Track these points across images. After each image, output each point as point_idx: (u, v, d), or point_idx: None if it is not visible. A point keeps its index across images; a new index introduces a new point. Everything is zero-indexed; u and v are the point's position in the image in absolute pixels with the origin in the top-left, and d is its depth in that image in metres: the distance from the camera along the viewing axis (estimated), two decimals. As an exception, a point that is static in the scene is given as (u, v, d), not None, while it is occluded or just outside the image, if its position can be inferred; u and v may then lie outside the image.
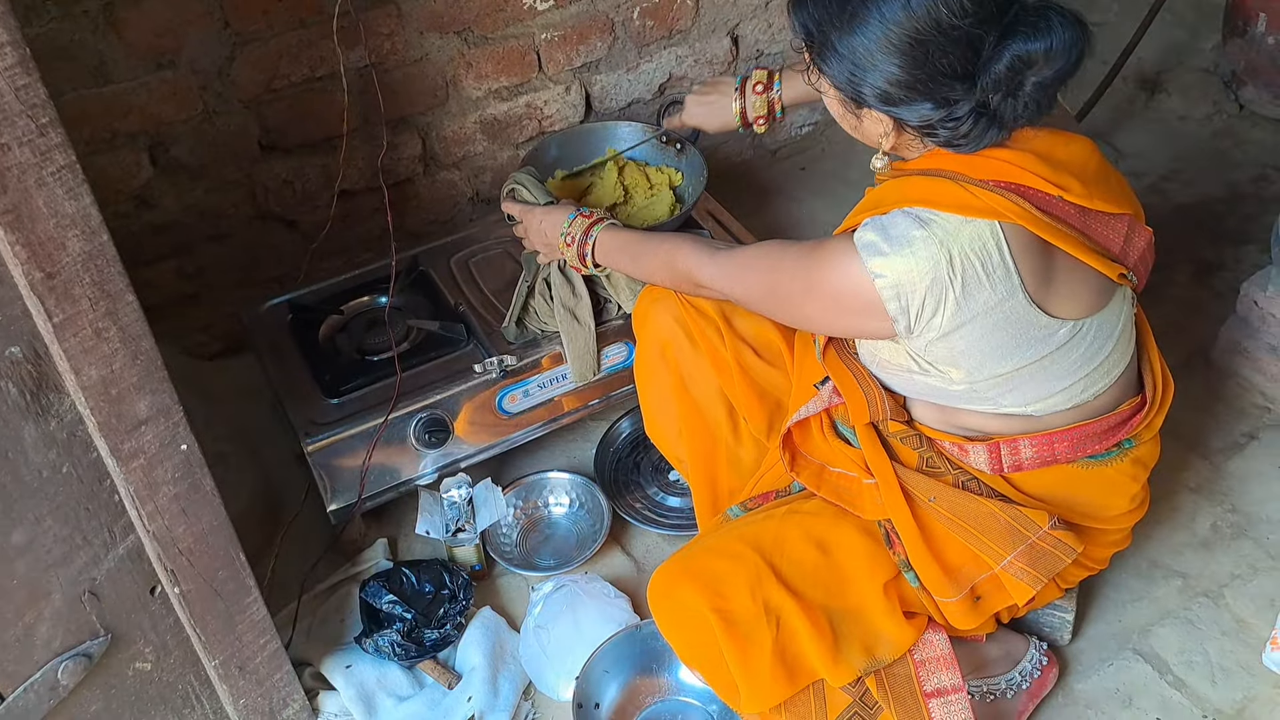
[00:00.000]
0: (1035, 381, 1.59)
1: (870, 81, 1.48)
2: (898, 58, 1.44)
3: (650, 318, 1.95)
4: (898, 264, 1.47)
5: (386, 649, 1.93)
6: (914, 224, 1.47)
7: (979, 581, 1.68)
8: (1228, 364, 2.38)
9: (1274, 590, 2.01)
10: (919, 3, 1.41)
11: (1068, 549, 1.64)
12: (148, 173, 2.33)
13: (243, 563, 1.57)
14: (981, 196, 1.48)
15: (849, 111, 1.58)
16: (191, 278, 2.50)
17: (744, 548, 1.70)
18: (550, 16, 2.58)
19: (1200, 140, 3.07)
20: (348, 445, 2.06)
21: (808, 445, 1.81)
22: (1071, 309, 1.55)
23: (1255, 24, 2.85)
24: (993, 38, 1.42)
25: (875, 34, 1.44)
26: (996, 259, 1.47)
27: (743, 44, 2.89)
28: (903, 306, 1.49)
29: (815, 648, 1.63)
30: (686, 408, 1.94)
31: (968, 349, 1.53)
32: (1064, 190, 1.51)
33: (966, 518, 1.65)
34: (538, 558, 2.18)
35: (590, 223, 1.96)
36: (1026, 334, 1.53)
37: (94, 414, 1.30)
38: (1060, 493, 1.70)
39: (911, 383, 1.65)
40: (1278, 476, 2.20)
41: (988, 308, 1.49)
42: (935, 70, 1.44)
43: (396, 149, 2.55)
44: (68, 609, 1.41)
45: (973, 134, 1.48)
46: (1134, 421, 1.71)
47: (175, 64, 2.25)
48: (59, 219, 1.18)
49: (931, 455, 1.69)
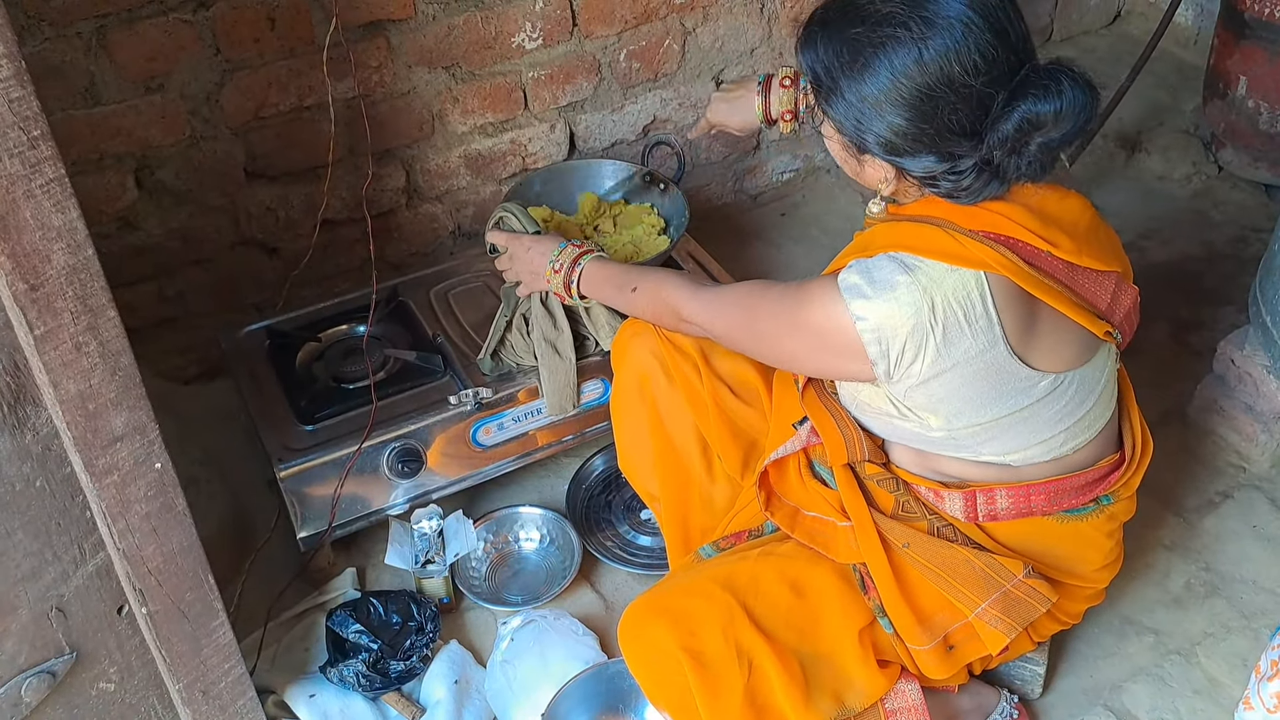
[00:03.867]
0: (1014, 432, 1.60)
1: (875, 130, 1.48)
2: (906, 110, 1.44)
3: (629, 351, 1.95)
4: (880, 308, 1.47)
5: (351, 679, 1.92)
6: (899, 269, 1.48)
7: (952, 630, 1.68)
8: (1204, 422, 2.41)
9: (1247, 650, 2.01)
10: (931, 58, 1.41)
11: (1042, 598, 1.64)
12: (132, 195, 2.34)
13: (211, 585, 1.55)
14: (969, 246, 1.48)
15: (851, 156, 1.58)
16: (171, 301, 2.50)
17: (717, 588, 1.69)
18: (538, 55, 2.61)
19: (1179, 200, 3.11)
20: (320, 472, 2.05)
21: (783, 486, 1.80)
22: (1053, 362, 1.56)
23: (1236, 88, 2.91)
24: (1002, 97, 1.42)
25: (885, 85, 1.44)
26: (979, 309, 1.48)
27: (727, 90, 2.92)
28: (883, 351, 1.50)
29: (786, 692, 1.61)
30: (661, 443, 1.94)
31: (947, 396, 1.54)
32: (1053, 246, 1.52)
33: (941, 564, 1.64)
34: (506, 592, 2.17)
35: (579, 253, 1.98)
36: (1007, 385, 1.53)
37: (70, 428, 1.30)
38: (1035, 545, 1.71)
39: (891, 427, 1.65)
40: (1252, 536, 2.22)
41: (968, 357, 1.49)
42: (942, 125, 1.44)
43: (380, 180, 2.57)
44: (34, 625, 1.40)
45: (973, 188, 1.49)
46: (1112, 478, 1.71)
47: (165, 88, 2.26)
48: (45, 231, 1.18)
49: (908, 499, 1.69)
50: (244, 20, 2.25)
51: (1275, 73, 2.83)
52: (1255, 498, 2.29)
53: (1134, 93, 3.08)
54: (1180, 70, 3.47)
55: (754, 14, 2.83)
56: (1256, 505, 2.27)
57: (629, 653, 1.73)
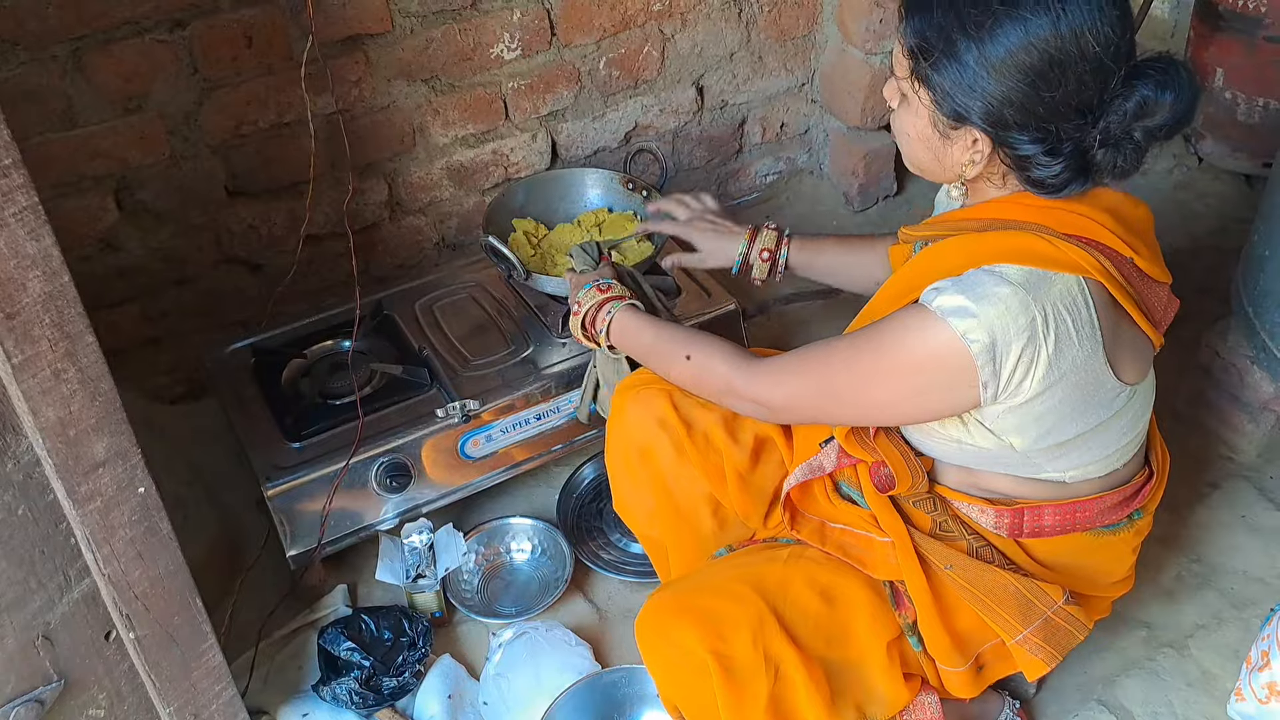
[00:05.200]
0: (1086, 448, 1.55)
1: (988, 95, 1.39)
2: (1029, 77, 1.37)
3: (628, 415, 1.84)
4: (992, 325, 1.38)
5: (344, 697, 1.91)
6: (1000, 281, 1.40)
7: (983, 650, 1.66)
8: (1191, 414, 2.41)
9: (1238, 641, 2.01)
10: (1069, 24, 1.35)
11: (1080, 625, 1.62)
12: (113, 216, 2.33)
13: (199, 608, 1.55)
14: (1065, 250, 1.43)
15: (938, 133, 1.48)
16: (155, 321, 2.49)
17: (747, 589, 1.62)
18: (517, 65, 2.61)
19: (1161, 193, 3.12)
20: (308, 489, 2.05)
21: (806, 503, 1.75)
22: (1130, 373, 1.52)
23: (1213, 79, 2.92)
24: (1121, 76, 1.38)
25: (1014, 47, 1.36)
26: (1085, 315, 1.42)
27: (708, 94, 2.93)
28: (995, 371, 1.41)
29: (811, 702, 1.58)
30: (666, 507, 1.85)
31: (1044, 414, 1.47)
32: (1135, 253, 1.48)
33: (982, 588, 1.60)
34: (499, 604, 2.17)
35: (608, 298, 1.85)
36: (1095, 397, 1.48)
37: (51, 455, 1.29)
38: (1068, 560, 1.67)
39: (959, 451, 1.58)
40: (1242, 527, 2.22)
41: (1075, 366, 1.43)
42: (1061, 98, 1.38)
43: (363, 194, 2.57)
44: (20, 654, 1.39)
45: (1063, 176, 1.43)
46: (1145, 491, 1.69)
47: (143, 108, 2.25)
48: (20, 259, 1.17)
49: (945, 519, 1.64)
50: (221, 39, 2.25)
51: (1252, 64, 2.84)
52: (1243, 488, 2.30)
53: (1114, 86, 3.08)
54: (1159, 62, 3.47)
55: (732, 19, 2.83)
56: (1245, 495, 2.28)
57: (648, 650, 1.66)
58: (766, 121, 3.08)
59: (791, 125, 3.13)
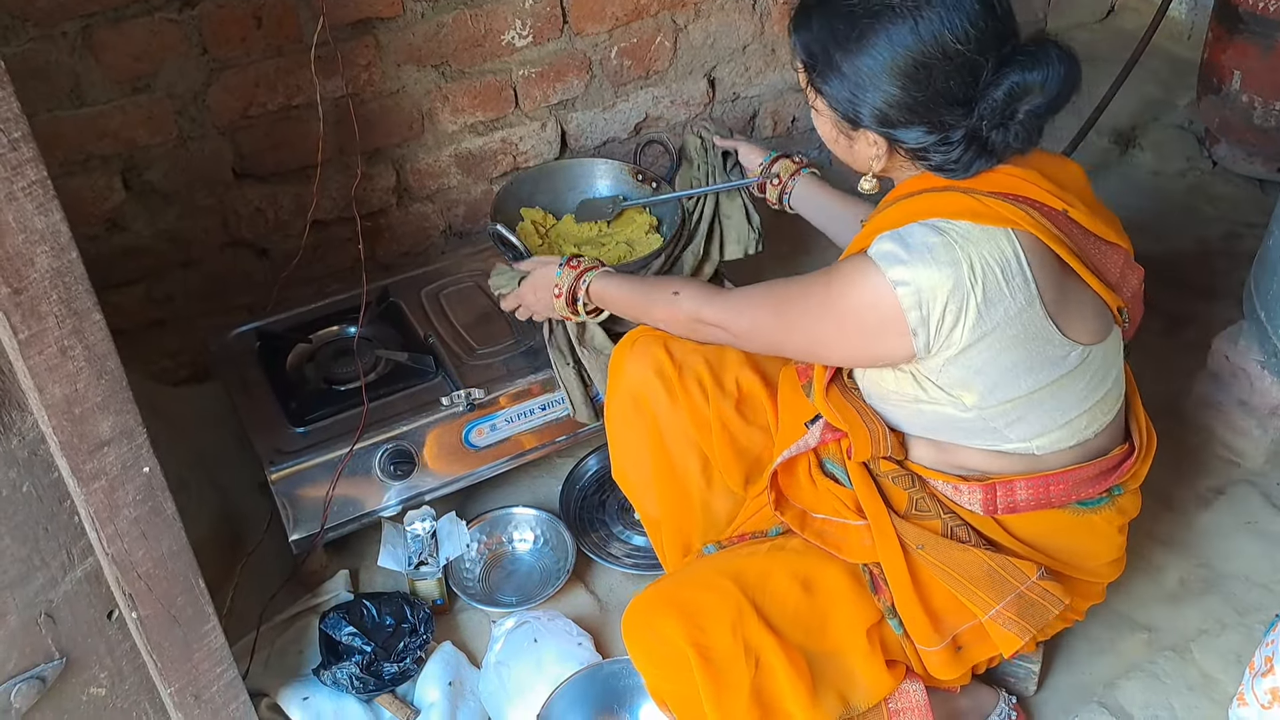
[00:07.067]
0: (1043, 410, 1.59)
1: (871, 102, 1.52)
2: (901, 80, 1.48)
3: (626, 366, 1.92)
4: (919, 271, 1.47)
5: (345, 682, 1.91)
6: (932, 232, 1.49)
7: (961, 631, 1.67)
8: (1198, 418, 2.40)
9: (1241, 646, 2.00)
10: (928, 29, 1.45)
11: (1055, 600, 1.63)
12: (120, 196, 2.32)
13: (202, 589, 1.54)
14: (992, 205, 1.51)
15: (842, 133, 1.61)
16: (160, 303, 2.49)
17: (727, 581, 1.67)
18: (528, 53, 2.60)
19: (1173, 195, 3.11)
20: (312, 475, 2.04)
21: (792, 489, 1.78)
22: (1081, 332, 1.57)
23: (1230, 82, 2.91)
24: (991, 65, 1.46)
25: (882, 56, 1.48)
26: (1015, 266, 1.49)
27: (719, 86, 2.92)
28: (924, 317, 1.48)
29: (793, 690, 1.60)
30: (660, 459, 1.91)
31: (984, 366, 1.53)
32: (1069, 205, 1.54)
33: (954, 566, 1.63)
34: (500, 593, 2.16)
35: (580, 270, 1.97)
36: (1042, 352, 1.53)
37: (56, 433, 1.28)
38: (1048, 539, 1.70)
39: (917, 413, 1.64)
40: (1247, 532, 2.21)
41: (1008, 317, 1.49)
42: (936, 94, 1.48)
43: (370, 180, 2.56)
44: (23, 631, 1.38)
45: (963, 159, 1.53)
46: (1124, 468, 1.71)
47: (151, 88, 2.24)
48: (28, 234, 1.17)
49: (922, 497, 1.68)
50: (230, 19, 2.24)
51: (1269, 67, 2.82)
52: (1249, 493, 2.28)
53: (1128, 87, 3.07)
54: (1174, 65, 3.46)
55: (745, 10, 2.82)
56: (1251, 501, 2.27)
57: (633, 645, 1.70)
58: (777, 115, 3.07)
59: (802, 119, 3.12)
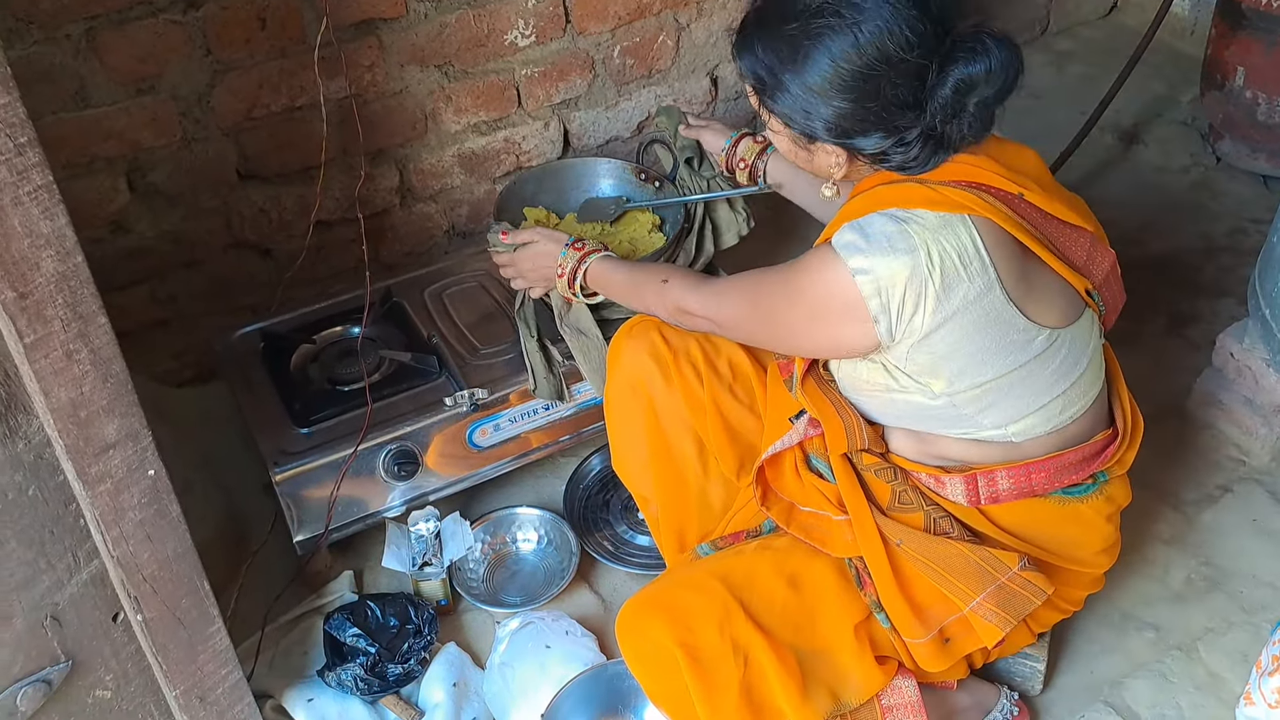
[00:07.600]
0: (1014, 395, 1.60)
1: (823, 116, 1.54)
2: (849, 93, 1.51)
3: (623, 353, 1.95)
4: (878, 260, 1.50)
5: (349, 683, 1.91)
6: (890, 221, 1.52)
7: (948, 623, 1.68)
8: (1202, 416, 2.40)
9: (1248, 645, 2.00)
10: (866, 39, 1.48)
11: (1037, 590, 1.64)
12: (124, 198, 2.32)
13: (207, 591, 1.55)
14: (947, 194, 1.53)
15: (800, 147, 1.64)
16: (164, 304, 2.49)
17: (714, 581, 1.69)
18: (531, 53, 2.60)
19: (1177, 192, 3.11)
20: (316, 475, 2.04)
21: (779, 483, 1.80)
22: (1046, 315, 1.59)
23: (1234, 78, 2.91)
24: (935, 65, 1.49)
25: (826, 72, 1.50)
26: (972, 250, 1.51)
27: (722, 85, 2.91)
28: (884, 304, 1.51)
29: (783, 687, 1.62)
30: (657, 444, 1.93)
31: (949, 352, 1.55)
32: (1024, 189, 1.57)
33: (934, 559, 1.64)
34: (504, 594, 2.17)
35: (585, 252, 1.99)
36: (1006, 337, 1.55)
37: (62, 436, 1.28)
38: (1034, 529, 1.71)
39: (890, 403, 1.66)
40: (1252, 530, 2.21)
41: (967, 302, 1.51)
42: (885, 101, 1.51)
43: (374, 180, 2.56)
44: (29, 634, 1.39)
45: (921, 157, 1.56)
46: (1107, 453, 1.72)
47: (156, 89, 2.24)
48: (34, 239, 1.17)
49: (905, 489, 1.69)
50: (234, 20, 2.24)
51: (1273, 63, 2.82)
52: (1255, 491, 2.28)
53: (1131, 84, 3.07)
54: (1177, 61, 3.46)
55: (747, 9, 2.81)
56: (1256, 499, 2.27)
57: (626, 649, 1.73)
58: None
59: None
